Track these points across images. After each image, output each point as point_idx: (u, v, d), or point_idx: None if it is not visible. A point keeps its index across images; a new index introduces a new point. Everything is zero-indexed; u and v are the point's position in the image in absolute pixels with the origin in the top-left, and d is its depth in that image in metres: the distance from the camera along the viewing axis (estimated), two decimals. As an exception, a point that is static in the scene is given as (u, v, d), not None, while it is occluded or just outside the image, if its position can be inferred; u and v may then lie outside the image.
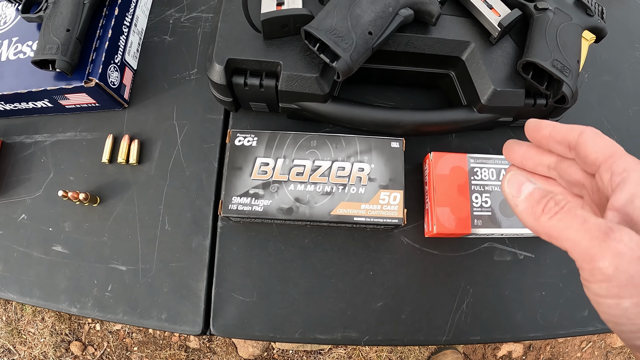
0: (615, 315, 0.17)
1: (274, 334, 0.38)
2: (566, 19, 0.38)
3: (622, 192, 0.18)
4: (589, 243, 0.16)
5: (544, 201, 0.18)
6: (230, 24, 0.37)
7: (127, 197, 0.42)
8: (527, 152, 0.24)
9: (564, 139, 0.22)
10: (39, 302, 0.41)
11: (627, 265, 0.16)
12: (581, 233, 0.17)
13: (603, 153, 0.20)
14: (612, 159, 0.19)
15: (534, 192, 0.19)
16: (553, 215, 0.18)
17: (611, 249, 0.16)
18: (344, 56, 0.32)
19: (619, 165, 0.19)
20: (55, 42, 0.39)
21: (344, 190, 0.36)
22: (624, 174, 0.19)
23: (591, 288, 0.17)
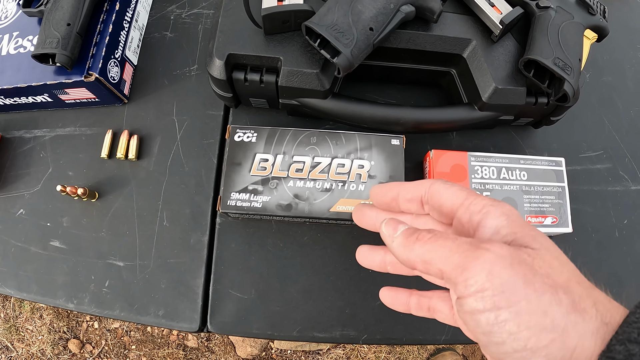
0: (496, 334, 0.16)
1: (272, 331, 0.38)
2: (568, 18, 0.38)
3: (486, 227, 0.19)
4: (461, 255, 0.17)
5: (417, 233, 0.19)
6: (230, 19, 0.37)
7: (125, 193, 0.42)
8: (378, 216, 0.25)
9: (415, 196, 0.22)
10: (37, 297, 0.41)
11: (500, 271, 0.16)
12: (453, 249, 0.17)
13: (457, 198, 0.20)
14: (468, 200, 0.20)
15: (408, 228, 0.20)
16: (426, 241, 0.18)
17: (482, 257, 0.16)
18: (344, 52, 0.32)
19: (476, 204, 0.20)
20: (55, 36, 0.38)
21: (343, 187, 0.36)
22: (483, 210, 0.19)
23: (467, 304, 0.16)
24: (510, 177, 0.39)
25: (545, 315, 0.15)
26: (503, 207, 0.19)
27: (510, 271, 0.16)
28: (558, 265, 0.17)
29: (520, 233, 0.18)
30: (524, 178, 0.39)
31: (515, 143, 0.44)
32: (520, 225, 0.18)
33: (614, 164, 0.45)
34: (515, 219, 0.19)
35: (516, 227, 0.18)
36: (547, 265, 0.17)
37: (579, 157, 0.45)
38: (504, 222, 0.18)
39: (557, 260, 0.17)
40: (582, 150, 0.45)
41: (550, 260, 0.17)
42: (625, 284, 0.41)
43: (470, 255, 0.16)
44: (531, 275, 0.16)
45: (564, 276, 0.16)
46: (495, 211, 0.19)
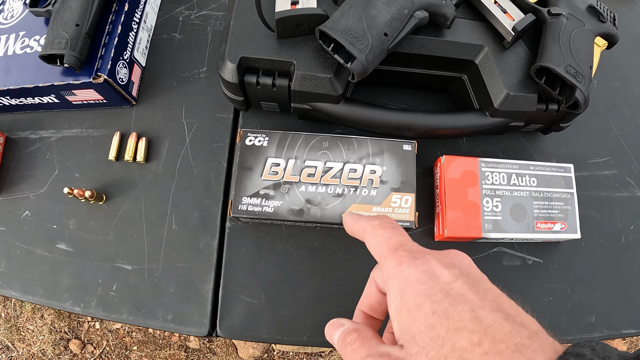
0: None
1: (281, 336, 0.37)
2: (579, 25, 0.38)
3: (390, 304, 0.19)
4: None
5: (347, 338, 0.20)
6: (243, 22, 0.36)
7: (133, 196, 0.41)
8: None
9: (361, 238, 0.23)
10: (42, 300, 0.40)
11: None
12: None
13: (377, 254, 0.21)
14: (381, 262, 0.21)
15: (339, 338, 0.21)
16: (347, 356, 0.20)
17: None
18: (359, 57, 0.32)
19: (385, 272, 0.20)
20: (64, 37, 0.38)
21: (355, 192, 0.36)
22: (387, 284, 0.20)
23: None
24: (520, 183, 0.39)
25: None
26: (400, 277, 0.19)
27: None
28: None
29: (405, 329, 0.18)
30: (534, 184, 0.39)
31: (524, 149, 0.44)
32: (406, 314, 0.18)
33: (620, 170, 0.45)
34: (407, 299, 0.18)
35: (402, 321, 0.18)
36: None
37: (586, 163, 0.45)
38: (397, 304, 0.19)
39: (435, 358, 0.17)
40: (589, 157, 0.45)
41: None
42: (632, 290, 0.42)
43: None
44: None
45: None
46: (393, 287, 0.19)
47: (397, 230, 0.22)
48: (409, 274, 0.19)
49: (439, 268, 0.19)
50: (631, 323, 0.41)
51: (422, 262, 0.19)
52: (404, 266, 0.19)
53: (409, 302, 0.18)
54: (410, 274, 0.19)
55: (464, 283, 0.18)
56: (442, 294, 0.18)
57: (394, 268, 0.19)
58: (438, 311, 0.17)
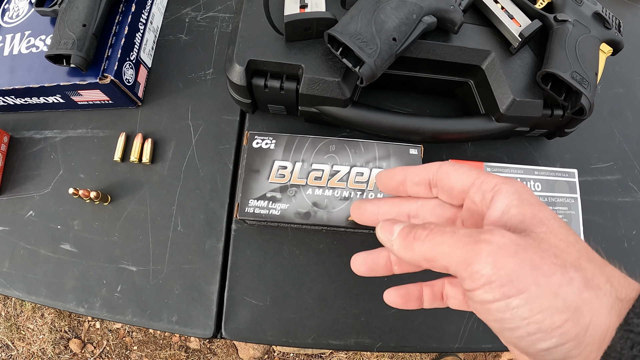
0: (509, 320, 0.16)
1: (286, 338, 0.38)
2: (585, 32, 0.38)
3: (497, 204, 0.18)
4: (463, 249, 0.16)
5: (414, 230, 0.19)
6: (251, 24, 0.36)
7: (139, 197, 0.41)
8: (380, 207, 0.24)
9: (423, 179, 0.22)
10: (46, 300, 0.40)
11: (505, 261, 0.15)
12: (453, 244, 0.17)
13: (468, 178, 0.20)
14: (479, 179, 0.20)
15: (404, 227, 0.19)
16: (424, 239, 0.18)
17: (484, 250, 0.16)
18: (368, 61, 0.32)
19: (488, 183, 0.19)
20: (70, 37, 0.38)
21: (362, 195, 0.36)
22: (495, 188, 0.19)
23: (476, 296, 0.16)
24: (525, 188, 0.39)
25: (557, 296, 0.15)
26: (515, 184, 0.19)
27: (516, 259, 0.15)
28: (565, 246, 0.17)
29: (529, 214, 0.18)
30: (538, 189, 0.40)
31: (529, 153, 0.45)
32: (530, 205, 0.18)
33: (623, 175, 0.46)
34: (526, 198, 0.18)
35: (526, 208, 0.18)
36: (554, 247, 0.16)
37: (589, 168, 0.45)
38: (514, 200, 0.18)
39: (565, 241, 0.17)
40: (593, 161, 0.45)
41: (556, 242, 0.17)
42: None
43: (472, 250, 0.16)
44: (538, 259, 0.16)
45: (572, 256, 0.16)
46: (508, 189, 0.18)
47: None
48: (522, 185, 0.19)
49: None
50: None
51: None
52: (513, 181, 0.19)
53: (531, 199, 0.18)
54: (522, 185, 0.19)
55: None
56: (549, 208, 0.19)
57: (504, 179, 0.19)
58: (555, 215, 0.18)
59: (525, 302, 0.15)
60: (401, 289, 0.25)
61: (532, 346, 0.16)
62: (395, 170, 0.23)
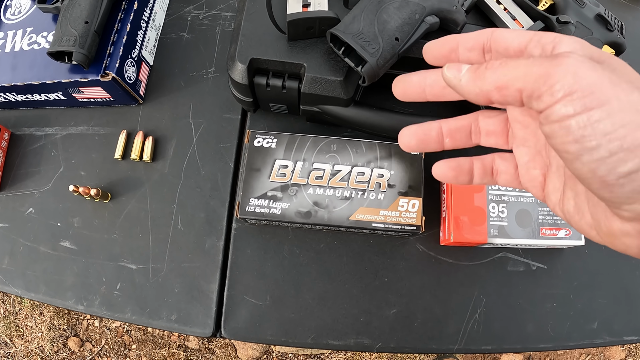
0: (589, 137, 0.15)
1: (286, 338, 0.37)
2: (587, 33, 0.38)
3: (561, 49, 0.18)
4: (541, 66, 0.16)
5: (485, 64, 0.18)
6: (253, 23, 0.36)
7: (139, 195, 0.41)
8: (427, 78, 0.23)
9: (477, 43, 0.21)
10: (45, 298, 0.40)
11: (586, 72, 0.15)
12: (530, 64, 0.16)
13: (525, 36, 0.19)
14: (537, 36, 0.19)
15: (474, 64, 0.19)
16: (497, 67, 0.17)
17: (565, 62, 0.15)
18: (370, 61, 0.32)
19: (547, 37, 0.18)
20: (72, 34, 0.38)
21: (363, 195, 0.36)
22: (555, 39, 0.18)
23: (555, 113, 0.16)
24: (526, 189, 0.39)
25: (638, 112, 0.15)
26: (572, 37, 0.18)
27: (596, 73, 0.15)
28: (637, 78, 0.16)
29: (597, 53, 0.17)
30: (540, 190, 0.40)
31: (530, 155, 0.44)
32: (595, 50, 0.17)
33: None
34: (587, 46, 0.18)
35: (591, 50, 0.17)
36: (627, 74, 0.16)
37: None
38: (577, 46, 0.17)
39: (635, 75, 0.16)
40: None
41: (629, 72, 0.16)
42: (633, 297, 0.42)
43: (551, 64, 0.16)
44: (616, 78, 0.15)
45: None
46: (568, 39, 0.18)
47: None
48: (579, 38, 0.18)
49: None
50: (632, 330, 0.41)
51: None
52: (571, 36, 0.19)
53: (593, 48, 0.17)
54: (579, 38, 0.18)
55: None
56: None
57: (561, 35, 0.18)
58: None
59: (607, 115, 0.15)
60: (452, 161, 0.24)
61: (613, 170, 0.15)
62: (446, 38, 0.22)
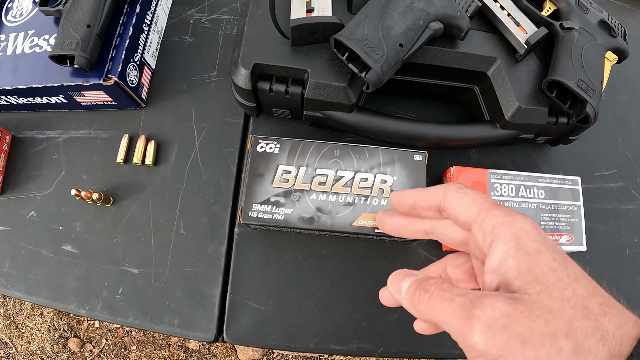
0: None
1: (288, 343, 0.37)
2: (591, 39, 0.38)
3: (495, 252, 0.19)
4: (457, 323, 0.17)
5: (417, 292, 0.19)
6: (257, 28, 0.36)
7: (141, 199, 0.41)
8: (399, 222, 0.25)
9: (431, 205, 0.22)
10: (47, 301, 0.40)
11: (494, 338, 0.16)
12: (449, 315, 0.18)
13: (471, 212, 0.20)
14: (480, 217, 0.20)
15: (410, 286, 0.20)
16: (426, 302, 0.19)
17: (475, 327, 0.16)
18: (374, 67, 0.32)
19: (488, 223, 0.19)
20: (75, 38, 0.38)
21: (366, 201, 0.36)
22: (494, 231, 0.19)
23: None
24: (528, 195, 0.39)
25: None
26: (514, 225, 0.18)
27: (505, 335, 0.16)
28: (559, 306, 0.16)
29: (525, 268, 0.17)
30: (542, 196, 0.40)
31: (532, 160, 0.45)
32: (527, 256, 0.18)
33: (626, 182, 0.46)
34: (524, 244, 0.18)
35: (522, 260, 0.18)
36: (547, 311, 0.16)
37: (593, 175, 0.45)
38: (511, 249, 0.18)
39: (559, 299, 0.17)
40: (596, 169, 0.46)
41: (550, 303, 0.17)
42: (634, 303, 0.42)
43: (465, 325, 0.17)
44: (527, 332, 0.16)
45: (565, 317, 0.16)
46: (506, 234, 0.18)
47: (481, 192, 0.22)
48: (524, 224, 0.19)
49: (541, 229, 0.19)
50: (633, 335, 0.41)
51: (529, 219, 0.19)
52: (516, 217, 0.19)
53: (529, 247, 0.18)
54: (525, 224, 0.19)
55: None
56: (555, 248, 0.18)
57: (504, 218, 0.19)
58: (558, 259, 0.18)
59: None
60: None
61: None
62: (406, 194, 0.24)
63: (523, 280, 0.17)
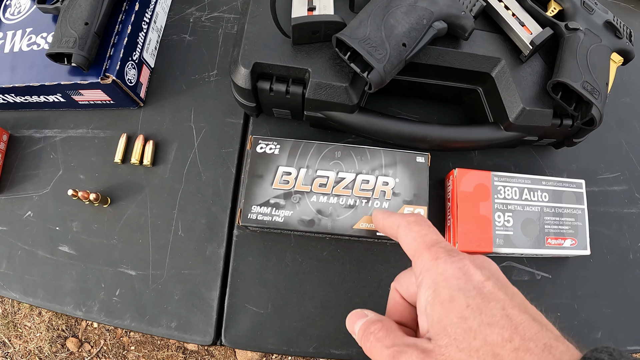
0: None
1: (287, 347, 0.37)
2: (596, 41, 0.38)
3: (420, 298, 0.20)
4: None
5: (363, 336, 0.21)
6: (257, 26, 0.36)
7: (139, 200, 0.41)
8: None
9: (392, 234, 0.24)
10: (43, 303, 0.39)
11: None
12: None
13: (410, 250, 0.21)
14: (415, 257, 0.21)
15: (359, 329, 0.22)
16: (368, 347, 0.20)
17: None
18: (377, 67, 0.31)
19: (417, 266, 0.20)
20: (72, 36, 0.37)
21: (367, 203, 0.35)
22: (420, 277, 0.20)
23: None
24: (532, 198, 0.39)
25: None
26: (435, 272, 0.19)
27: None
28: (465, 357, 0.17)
29: (437, 318, 0.18)
30: (545, 199, 0.39)
31: (536, 163, 0.44)
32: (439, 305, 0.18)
33: (630, 186, 0.45)
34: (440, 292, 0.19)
35: (435, 310, 0.18)
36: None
37: (596, 178, 0.45)
38: (429, 297, 0.19)
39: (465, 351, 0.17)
40: (600, 172, 0.45)
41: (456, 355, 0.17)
42: (638, 306, 0.42)
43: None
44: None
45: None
46: (427, 281, 0.19)
47: (432, 229, 0.22)
48: (445, 269, 0.19)
49: (472, 267, 0.19)
50: (636, 339, 0.41)
51: (457, 259, 0.19)
52: (440, 261, 0.19)
53: (443, 295, 0.18)
54: (446, 268, 0.19)
55: (494, 284, 0.19)
56: (475, 291, 0.18)
57: (429, 262, 0.20)
58: (472, 305, 0.18)
59: None
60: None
61: None
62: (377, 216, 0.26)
63: (434, 331, 0.18)
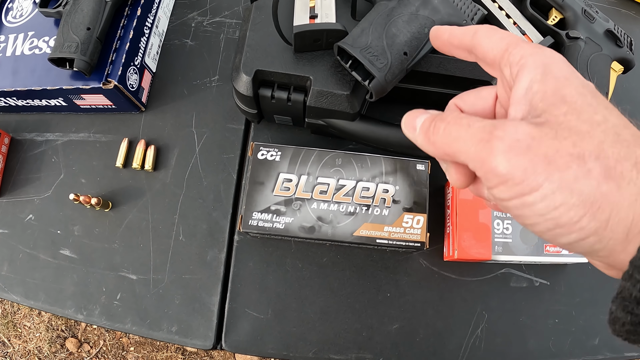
0: (527, 216, 0.15)
1: (287, 352, 0.37)
2: (597, 49, 0.38)
3: (521, 81, 0.17)
4: (476, 147, 0.16)
5: (433, 124, 0.18)
6: (259, 33, 0.36)
7: (140, 204, 0.41)
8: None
9: (461, 43, 0.20)
10: (44, 306, 0.40)
11: (517, 159, 0.15)
12: (468, 140, 0.16)
13: (499, 48, 0.19)
14: (508, 51, 0.18)
15: (425, 121, 0.19)
16: (442, 132, 0.17)
17: (496, 149, 0.15)
18: (378, 76, 0.31)
19: (515, 55, 0.18)
20: (74, 40, 0.37)
21: (367, 211, 0.35)
22: (521, 61, 0.17)
23: (495, 194, 0.16)
24: (531, 205, 0.39)
25: (572, 192, 0.14)
26: (543, 55, 0.17)
27: (528, 155, 0.15)
28: (588, 128, 0.15)
29: (551, 90, 0.16)
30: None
31: (535, 170, 0.44)
32: (554, 79, 0.16)
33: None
34: (552, 70, 0.17)
35: (548, 83, 0.16)
36: (574, 132, 0.15)
37: (596, 185, 0.45)
38: (538, 75, 0.17)
39: (588, 122, 0.15)
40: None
41: (578, 126, 0.15)
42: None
43: (485, 148, 0.16)
44: (553, 152, 0.15)
45: (595, 140, 0.15)
46: (533, 62, 0.17)
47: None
48: (553, 54, 0.17)
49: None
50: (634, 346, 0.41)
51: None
52: (546, 49, 0.18)
53: (556, 72, 0.17)
54: (553, 54, 0.18)
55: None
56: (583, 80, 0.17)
57: (532, 49, 0.18)
58: (587, 87, 0.16)
59: (540, 199, 0.15)
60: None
61: (555, 240, 0.16)
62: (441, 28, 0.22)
63: (548, 101, 0.16)
